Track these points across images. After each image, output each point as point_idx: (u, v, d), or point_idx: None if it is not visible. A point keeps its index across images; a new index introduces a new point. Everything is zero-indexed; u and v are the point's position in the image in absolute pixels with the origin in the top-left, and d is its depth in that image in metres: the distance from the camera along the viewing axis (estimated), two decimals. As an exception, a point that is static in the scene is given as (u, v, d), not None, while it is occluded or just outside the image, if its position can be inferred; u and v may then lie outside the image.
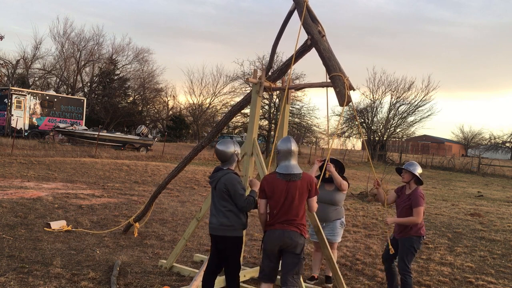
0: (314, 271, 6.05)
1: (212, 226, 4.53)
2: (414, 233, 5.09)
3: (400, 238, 5.16)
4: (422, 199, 5.09)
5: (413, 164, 5.29)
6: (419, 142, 65.41)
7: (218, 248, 4.56)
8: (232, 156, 4.59)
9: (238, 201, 4.40)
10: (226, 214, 4.43)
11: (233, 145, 4.64)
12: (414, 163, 5.29)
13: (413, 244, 5.09)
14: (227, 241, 4.45)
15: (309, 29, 5.12)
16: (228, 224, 4.42)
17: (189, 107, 52.18)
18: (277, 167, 4.40)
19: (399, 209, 5.24)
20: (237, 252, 4.51)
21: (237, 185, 4.41)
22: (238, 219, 4.44)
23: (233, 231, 4.43)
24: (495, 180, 28.19)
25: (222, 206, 4.46)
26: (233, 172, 4.55)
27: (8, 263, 5.66)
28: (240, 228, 4.47)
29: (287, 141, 4.42)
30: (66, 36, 44.26)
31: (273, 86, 5.71)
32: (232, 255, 4.49)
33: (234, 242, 4.46)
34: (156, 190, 7.40)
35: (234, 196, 4.40)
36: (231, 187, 4.40)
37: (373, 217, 10.81)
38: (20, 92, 28.11)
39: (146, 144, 27.43)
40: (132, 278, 5.48)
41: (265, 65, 30.60)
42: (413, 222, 5.04)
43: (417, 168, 5.21)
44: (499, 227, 10.42)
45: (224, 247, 4.49)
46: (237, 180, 4.46)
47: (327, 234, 5.68)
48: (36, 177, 13.41)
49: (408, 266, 5.12)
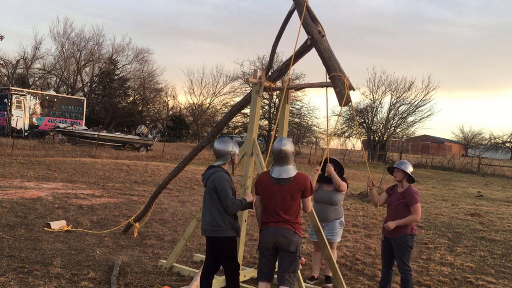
0: (314, 271, 6.05)
1: (202, 228, 4.52)
2: (408, 232, 5.11)
3: (394, 238, 5.15)
4: (417, 195, 5.13)
5: (404, 162, 5.31)
6: (419, 142, 65.42)
7: (213, 248, 4.54)
8: (227, 155, 4.53)
9: (223, 200, 4.33)
10: (213, 214, 4.38)
11: (232, 145, 4.61)
12: (405, 162, 5.33)
13: (408, 242, 5.12)
14: (218, 242, 4.42)
15: (309, 29, 5.12)
16: (215, 224, 4.37)
17: (189, 107, 52.22)
18: (271, 167, 4.43)
19: (391, 207, 5.23)
20: (230, 252, 4.46)
21: (225, 183, 4.35)
22: (224, 219, 4.37)
23: (222, 232, 4.38)
24: (495, 180, 28.19)
25: (210, 205, 4.42)
26: (224, 171, 4.49)
27: (8, 263, 5.66)
28: (229, 228, 4.39)
29: (279, 141, 4.41)
30: (66, 36, 44.37)
31: (273, 86, 5.72)
32: (227, 255, 4.46)
33: (225, 243, 4.42)
34: (156, 190, 7.40)
35: (220, 193, 4.33)
36: (218, 184, 4.34)
37: (373, 217, 10.81)
38: (20, 92, 28.12)
39: (146, 144, 27.43)
40: (132, 278, 5.49)
41: (265, 65, 30.61)
42: (413, 220, 5.05)
43: (409, 166, 5.24)
44: (499, 227, 10.42)
45: (217, 247, 4.47)
46: (226, 178, 4.41)
47: (326, 234, 5.69)
48: (36, 177, 13.41)
49: (408, 264, 5.13)
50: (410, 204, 5.06)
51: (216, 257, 4.54)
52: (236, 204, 4.35)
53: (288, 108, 5.91)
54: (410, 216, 5.05)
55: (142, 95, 48.82)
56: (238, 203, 4.37)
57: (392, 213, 5.19)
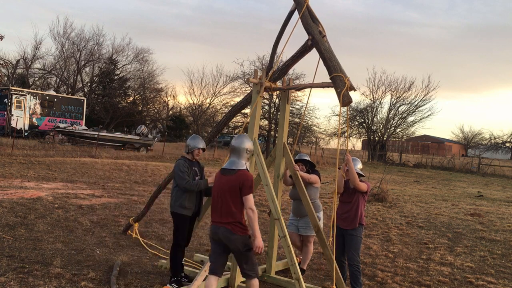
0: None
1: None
2: (362, 221, 5.34)
3: (348, 229, 5.30)
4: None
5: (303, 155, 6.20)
6: (419, 142, 65.41)
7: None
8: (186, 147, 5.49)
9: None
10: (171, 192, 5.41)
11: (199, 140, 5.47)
12: (356, 159, 5.64)
13: (360, 234, 5.35)
14: (172, 217, 5.42)
15: (310, 30, 5.12)
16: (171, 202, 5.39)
17: (189, 107, 52.15)
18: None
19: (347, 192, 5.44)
20: (176, 227, 5.36)
21: (175, 167, 5.35)
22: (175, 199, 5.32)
23: (171, 207, 5.36)
24: (495, 180, 28.18)
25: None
26: (183, 159, 5.38)
27: (8, 263, 5.66)
28: (177, 206, 5.29)
29: (239, 138, 4.62)
30: (66, 36, 44.31)
31: (274, 86, 5.71)
32: (174, 229, 5.39)
33: (174, 218, 5.37)
34: (155, 190, 7.40)
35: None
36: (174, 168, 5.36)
37: (373, 217, 10.81)
38: (20, 92, 28.11)
39: (146, 144, 27.42)
40: (132, 278, 5.49)
41: (265, 65, 30.60)
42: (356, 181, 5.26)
43: (358, 163, 5.59)
44: (499, 227, 10.42)
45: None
46: (179, 163, 5.32)
47: (301, 228, 6.06)
48: (36, 177, 13.41)
49: (358, 256, 5.33)
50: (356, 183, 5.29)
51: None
52: (189, 183, 5.22)
53: (288, 108, 5.92)
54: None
55: (142, 95, 48.79)
56: (194, 183, 5.23)
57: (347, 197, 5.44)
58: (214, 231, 4.44)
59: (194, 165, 5.43)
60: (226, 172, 4.45)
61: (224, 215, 4.37)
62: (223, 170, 4.50)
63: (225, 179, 4.41)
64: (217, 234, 4.41)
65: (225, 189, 4.38)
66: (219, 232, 4.38)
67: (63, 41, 44.28)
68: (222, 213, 4.38)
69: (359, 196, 5.34)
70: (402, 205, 13.12)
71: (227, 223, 4.34)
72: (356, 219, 5.29)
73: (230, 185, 4.36)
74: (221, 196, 4.40)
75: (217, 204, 4.45)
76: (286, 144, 5.75)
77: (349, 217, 5.30)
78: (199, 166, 5.54)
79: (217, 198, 4.45)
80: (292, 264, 4.92)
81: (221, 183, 4.44)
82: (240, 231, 4.35)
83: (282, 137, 5.77)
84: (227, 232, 4.34)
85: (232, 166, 4.45)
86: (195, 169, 5.41)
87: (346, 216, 5.33)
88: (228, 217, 4.34)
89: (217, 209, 4.45)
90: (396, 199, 14.23)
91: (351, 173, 5.26)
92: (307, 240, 6.14)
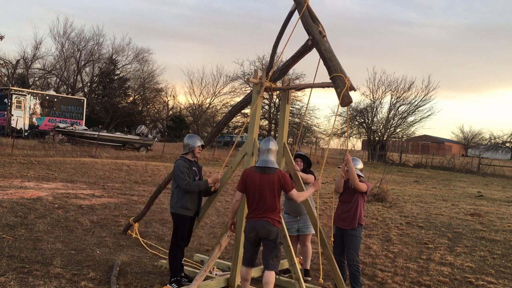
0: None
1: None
2: (361, 222, 5.35)
3: (348, 229, 5.30)
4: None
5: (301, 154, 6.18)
6: (419, 142, 65.38)
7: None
8: (186, 146, 5.50)
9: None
10: (172, 193, 5.41)
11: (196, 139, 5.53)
12: (357, 159, 5.69)
13: (360, 234, 5.36)
14: (172, 217, 5.41)
15: (310, 30, 5.12)
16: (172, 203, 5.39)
17: (189, 107, 52.15)
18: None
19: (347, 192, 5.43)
20: (176, 227, 5.34)
21: (175, 168, 5.34)
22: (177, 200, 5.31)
23: (172, 208, 5.36)
24: (495, 180, 28.17)
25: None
26: (183, 159, 5.38)
27: (8, 263, 5.66)
28: (179, 207, 5.27)
29: (267, 141, 4.91)
30: (66, 36, 44.32)
31: (274, 86, 5.71)
32: (174, 229, 5.36)
33: (174, 219, 5.37)
34: (155, 190, 7.40)
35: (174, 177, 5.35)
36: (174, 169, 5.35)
37: (373, 217, 10.81)
38: (20, 92, 28.11)
39: (146, 144, 27.41)
40: (132, 278, 5.49)
41: (265, 65, 30.61)
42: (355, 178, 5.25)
43: (359, 163, 5.59)
44: (499, 227, 10.42)
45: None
46: (178, 164, 5.32)
47: (300, 226, 6.09)
48: (36, 177, 13.41)
49: (358, 256, 5.33)
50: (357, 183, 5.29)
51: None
52: (190, 184, 5.23)
53: (288, 108, 5.92)
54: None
55: (142, 95, 48.78)
56: (194, 184, 5.26)
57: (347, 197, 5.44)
58: (252, 226, 4.69)
59: (193, 165, 5.44)
60: (266, 170, 4.72)
61: (264, 210, 4.66)
62: (262, 169, 4.74)
63: (265, 177, 4.69)
64: (255, 228, 4.66)
65: (265, 186, 4.66)
66: (258, 226, 4.64)
67: (63, 41, 44.37)
68: (262, 208, 4.66)
69: (359, 196, 5.34)
70: (402, 205, 13.12)
71: (267, 216, 4.65)
72: (355, 219, 5.29)
73: (270, 182, 4.67)
74: (260, 193, 4.67)
75: (256, 200, 4.69)
76: (286, 144, 5.75)
77: (349, 217, 5.30)
78: (198, 166, 5.57)
79: (256, 195, 4.69)
80: (292, 264, 4.92)
81: (261, 180, 4.68)
82: (278, 223, 4.73)
83: (282, 137, 5.77)
84: (268, 224, 4.64)
85: (270, 165, 4.75)
86: (195, 169, 5.43)
87: (345, 216, 5.33)
88: (268, 212, 4.66)
89: (256, 205, 4.69)
90: (396, 199, 14.23)
91: (350, 173, 5.24)
92: (305, 239, 6.14)
